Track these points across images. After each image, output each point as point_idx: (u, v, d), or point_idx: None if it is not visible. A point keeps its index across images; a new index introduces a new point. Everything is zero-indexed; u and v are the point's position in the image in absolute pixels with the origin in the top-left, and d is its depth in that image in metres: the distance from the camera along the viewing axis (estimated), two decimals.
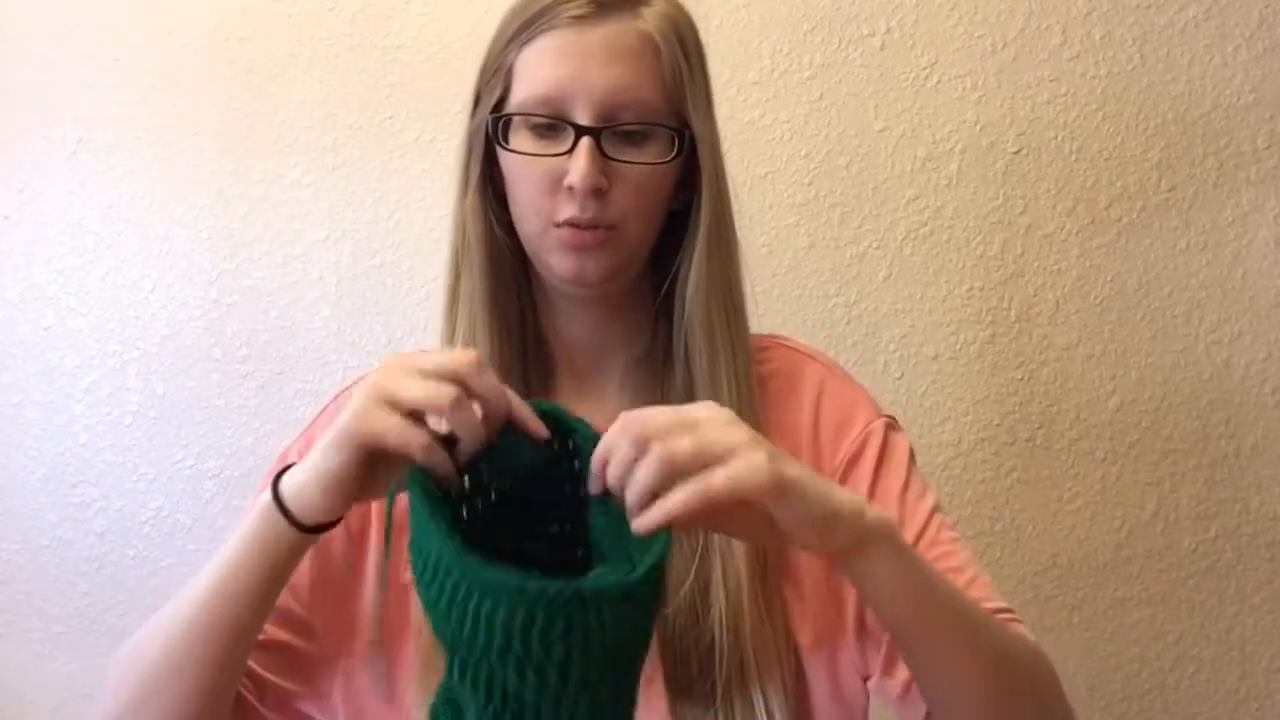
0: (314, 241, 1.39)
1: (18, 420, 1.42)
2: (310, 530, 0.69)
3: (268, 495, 0.69)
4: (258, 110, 1.39)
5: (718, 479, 0.60)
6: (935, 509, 0.85)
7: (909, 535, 0.82)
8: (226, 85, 1.39)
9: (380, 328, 1.39)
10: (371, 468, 0.66)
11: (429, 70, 1.38)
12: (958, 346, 1.37)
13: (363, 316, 1.39)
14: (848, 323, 1.36)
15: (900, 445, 0.88)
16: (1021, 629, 0.79)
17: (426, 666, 0.79)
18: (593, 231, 0.80)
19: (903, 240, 1.36)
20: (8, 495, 1.42)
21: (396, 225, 1.38)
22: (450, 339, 0.86)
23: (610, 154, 0.79)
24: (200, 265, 1.40)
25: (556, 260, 0.81)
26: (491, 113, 0.83)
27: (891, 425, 0.89)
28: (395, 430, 0.63)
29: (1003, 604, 0.80)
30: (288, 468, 0.70)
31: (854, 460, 0.86)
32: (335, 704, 0.84)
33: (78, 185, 1.40)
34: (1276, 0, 1.35)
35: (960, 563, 0.82)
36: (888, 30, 1.36)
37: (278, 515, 0.68)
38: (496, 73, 0.83)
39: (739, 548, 0.80)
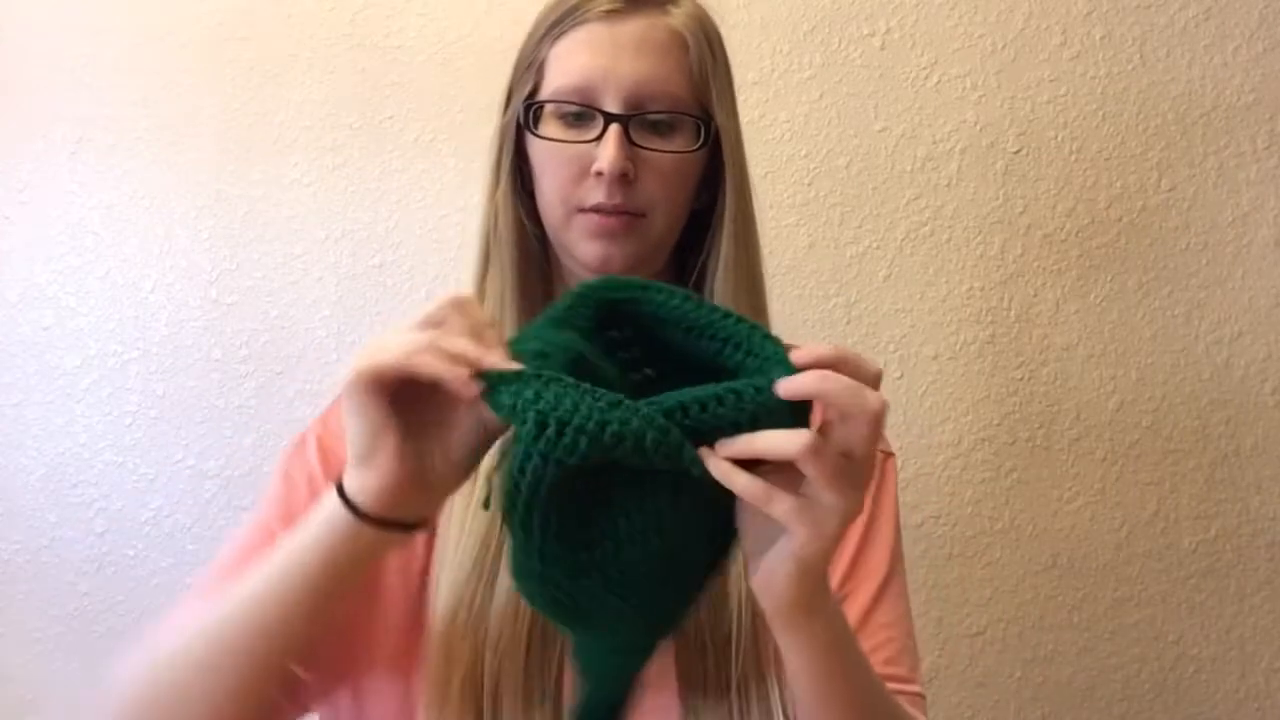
0: (314, 241, 1.39)
1: (18, 420, 1.42)
2: (379, 523, 0.64)
3: (333, 497, 0.65)
4: (258, 110, 1.39)
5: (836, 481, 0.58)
6: (890, 571, 0.86)
7: (859, 581, 0.84)
8: (226, 85, 1.39)
9: (380, 328, 1.39)
10: (404, 419, 0.63)
11: (429, 70, 1.38)
12: (958, 346, 1.37)
13: (363, 316, 1.39)
14: (848, 323, 1.36)
15: (885, 486, 0.88)
16: (916, 714, 0.79)
17: (436, 680, 0.77)
18: (619, 217, 0.81)
19: (903, 240, 1.36)
20: (8, 495, 1.42)
21: (396, 225, 1.39)
22: None
23: (638, 142, 0.81)
24: (200, 265, 1.40)
25: (582, 247, 0.83)
26: (524, 102, 0.84)
27: (879, 461, 0.88)
28: (397, 352, 0.60)
29: (907, 675, 0.82)
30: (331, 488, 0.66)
31: None
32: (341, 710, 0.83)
33: (78, 185, 1.40)
34: (1276, 0, 1.35)
35: (899, 631, 0.84)
36: (888, 30, 1.36)
37: (344, 512, 0.64)
38: (529, 68, 0.85)
39: None
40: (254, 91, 1.39)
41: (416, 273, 1.38)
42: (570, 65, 0.82)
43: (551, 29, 0.83)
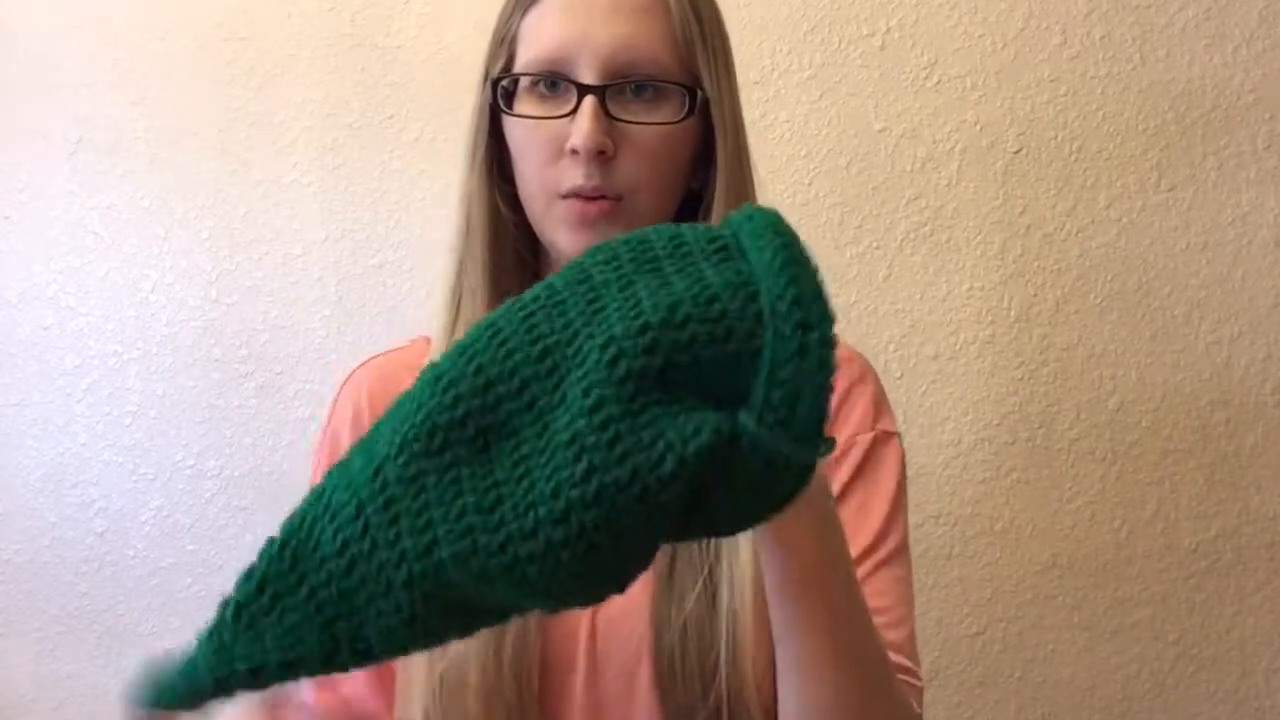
0: (314, 241, 1.39)
1: (18, 420, 1.42)
2: None
3: None
4: (258, 110, 1.39)
5: None
6: (893, 552, 0.80)
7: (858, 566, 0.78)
8: (226, 85, 1.39)
9: (380, 328, 1.39)
10: None
11: (429, 70, 1.38)
12: (958, 346, 1.37)
13: (363, 316, 1.39)
14: (847, 323, 1.36)
15: (884, 465, 0.82)
16: (908, 696, 0.71)
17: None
18: (598, 203, 0.74)
19: (903, 240, 1.36)
20: (8, 495, 1.42)
21: (396, 225, 1.38)
22: (452, 330, 0.80)
23: (616, 115, 0.74)
24: (200, 265, 1.40)
25: (562, 236, 0.76)
26: (493, 78, 0.78)
27: (880, 440, 0.83)
28: None
29: (908, 664, 0.76)
30: None
31: (832, 467, 0.81)
32: None
33: (78, 185, 1.40)
34: (1276, 0, 1.35)
35: (890, 603, 0.77)
36: (888, 30, 1.36)
37: None
38: (502, 43, 0.79)
39: (745, 555, 0.76)
40: (254, 91, 1.39)
41: (416, 273, 1.38)
42: (542, 35, 0.75)
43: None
